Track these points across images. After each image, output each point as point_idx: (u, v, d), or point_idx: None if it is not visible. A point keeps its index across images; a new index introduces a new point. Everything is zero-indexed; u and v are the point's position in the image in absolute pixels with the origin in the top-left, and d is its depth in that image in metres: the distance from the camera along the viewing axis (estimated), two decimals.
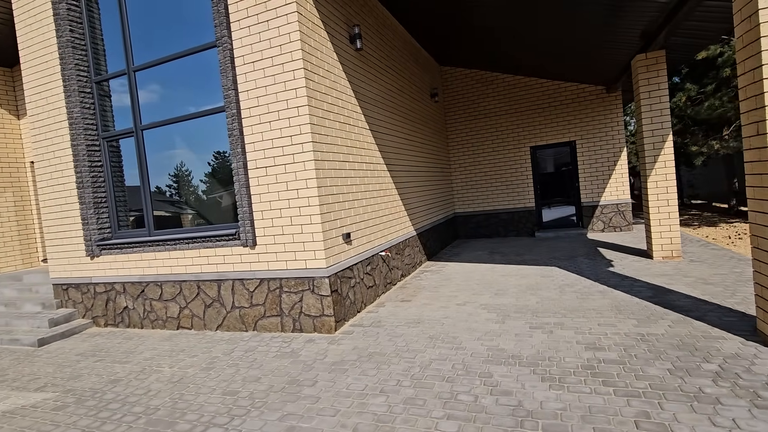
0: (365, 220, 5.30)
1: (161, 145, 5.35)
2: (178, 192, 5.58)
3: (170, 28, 5.20)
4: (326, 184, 4.43)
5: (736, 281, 4.78)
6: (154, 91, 5.37)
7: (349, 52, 5.27)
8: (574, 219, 9.57)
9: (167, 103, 5.33)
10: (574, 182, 9.43)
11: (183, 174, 5.46)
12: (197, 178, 5.44)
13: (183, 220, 5.62)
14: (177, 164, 5.42)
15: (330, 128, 4.63)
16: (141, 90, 5.29)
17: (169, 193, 5.56)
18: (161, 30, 5.24)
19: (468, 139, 10.15)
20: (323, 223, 4.29)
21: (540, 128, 9.53)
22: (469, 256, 8.03)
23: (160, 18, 5.24)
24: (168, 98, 5.37)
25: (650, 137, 6.01)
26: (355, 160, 5.18)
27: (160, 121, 5.19)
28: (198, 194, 5.52)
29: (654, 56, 5.92)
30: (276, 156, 4.39)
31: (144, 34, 5.24)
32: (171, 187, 5.54)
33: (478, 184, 10.16)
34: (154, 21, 5.26)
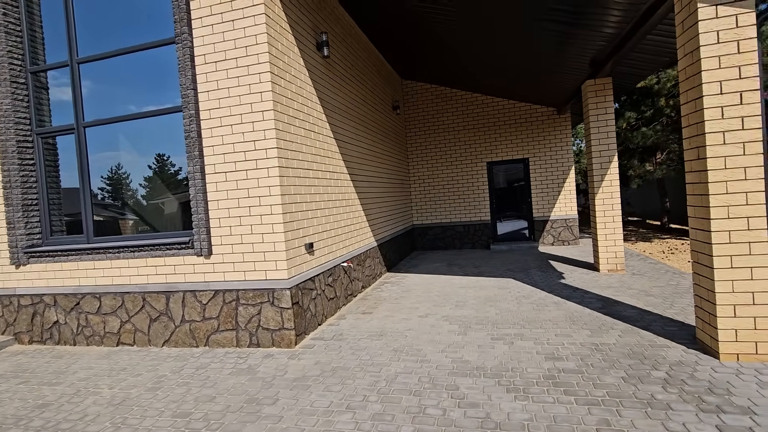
0: (328, 230, 5.18)
1: (103, 144, 4.94)
2: (119, 195, 5.16)
3: (124, 20, 4.86)
4: (290, 192, 4.29)
5: (673, 293, 5.17)
6: (100, 87, 4.97)
7: (315, 59, 5.19)
8: (527, 233, 10.00)
9: (113, 99, 4.95)
10: (527, 197, 9.88)
11: (122, 177, 5.07)
12: (142, 181, 5.07)
13: (123, 226, 5.19)
14: (116, 165, 5.03)
15: (295, 135, 4.51)
16: (85, 84, 4.88)
17: (108, 197, 5.14)
18: (113, 21, 4.88)
19: (427, 152, 10.34)
20: (286, 232, 4.13)
21: (496, 144, 9.92)
22: (428, 267, 8.11)
23: (113, 8, 4.88)
24: (114, 95, 5.00)
25: (598, 158, 6.43)
26: (319, 169, 5.07)
27: (108, 118, 4.80)
28: (143, 199, 5.14)
29: (602, 83, 6.37)
30: (237, 161, 4.18)
31: (92, 25, 4.86)
32: (108, 190, 5.11)
33: (436, 197, 10.34)
34: (105, 11, 4.89)
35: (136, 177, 5.06)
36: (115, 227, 5.21)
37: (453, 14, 5.77)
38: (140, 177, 5.05)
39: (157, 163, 4.95)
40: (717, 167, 3.15)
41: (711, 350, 3.34)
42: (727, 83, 3.08)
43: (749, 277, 3.16)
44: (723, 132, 3.11)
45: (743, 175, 3.10)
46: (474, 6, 5.42)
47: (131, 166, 5.02)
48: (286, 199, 4.19)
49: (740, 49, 3.05)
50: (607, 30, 4.88)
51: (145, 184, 5.05)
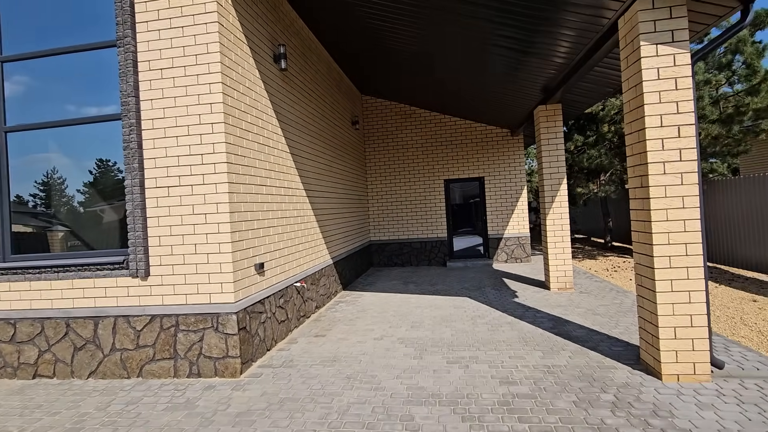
0: (281, 248, 4.95)
1: (39, 146, 4.45)
2: (52, 203, 4.65)
3: (59, 17, 4.45)
4: (240, 209, 4.05)
5: (617, 312, 5.39)
6: (27, 88, 4.50)
7: (272, 71, 5.02)
8: (482, 250, 10.20)
9: (42, 102, 4.49)
10: (482, 215, 10.10)
11: (56, 182, 4.56)
12: (81, 187, 4.60)
13: (52, 238, 4.66)
14: (52, 169, 4.53)
15: (248, 149, 4.29)
16: (22, 82, 4.40)
17: (41, 204, 4.61)
18: (46, 19, 4.45)
19: (386, 169, 10.35)
20: (234, 252, 3.87)
21: (453, 162, 10.11)
22: (384, 285, 8.00)
23: (46, 5, 4.46)
24: (43, 97, 4.53)
25: (549, 179, 6.68)
26: (273, 185, 4.85)
27: (33, 123, 4.34)
28: (80, 206, 4.66)
29: (552, 108, 6.67)
30: (182, 175, 3.90)
31: (22, 22, 4.41)
32: (41, 197, 4.59)
33: (393, 213, 10.33)
34: (36, 7, 4.45)
35: (74, 183, 4.56)
36: (43, 240, 4.67)
37: (410, 34, 5.84)
38: (79, 183, 4.56)
39: (99, 168, 4.50)
40: (658, 195, 3.31)
41: (654, 371, 3.46)
42: (666, 117, 3.26)
43: (688, 301, 3.32)
44: (663, 162, 3.29)
45: (681, 204, 3.28)
46: (430, 28, 5.51)
47: (69, 170, 4.51)
48: (235, 217, 3.94)
49: (678, 86, 3.25)
50: (557, 60, 5.11)
51: (84, 190, 4.56)
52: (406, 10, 5.09)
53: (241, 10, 4.32)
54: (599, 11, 3.74)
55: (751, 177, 7.61)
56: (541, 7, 3.96)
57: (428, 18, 5.16)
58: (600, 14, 3.79)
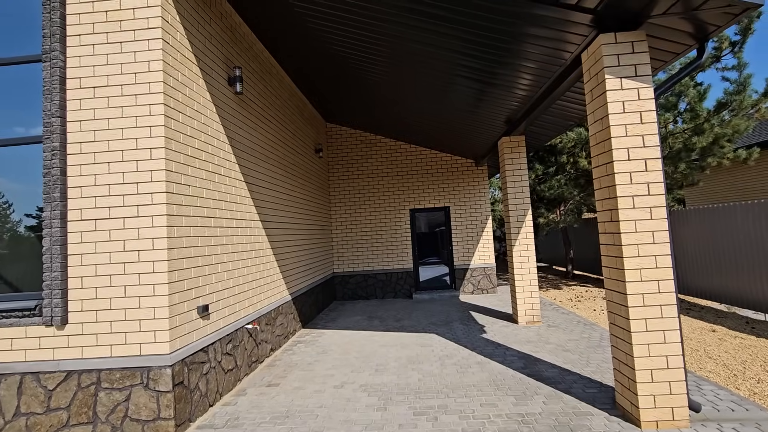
0: (231, 287, 4.47)
1: None
2: None
3: None
4: (182, 244, 3.59)
5: (587, 347, 5.24)
6: None
7: (226, 95, 4.68)
8: (448, 281, 9.98)
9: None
10: (449, 245, 9.96)
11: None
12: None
13: None
14: None
15: (193, 177, 3.87)
16: None
17: None
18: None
19: (350, 198, 10.07)
20: (172, 294, 3.38)
21: (419, 192, 9.99)
22: (347, 321, 7.55)
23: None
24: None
25: (514, 210, 6.62)
26: (223, 216, 4.42)
27: None
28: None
29: (516, 140, 6.69)
30: (113, 206, 3.42)
31: None
32: None
33: (358, 244, 9.99)
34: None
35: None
36: None
37: (372, 62, 5.72)
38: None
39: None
40: (629, 230, 3.19)
41: (632, 417, 3.24)
42: (633, 150, 3.19)
43: (663, 341, 3.17)
44: (632, 196, 3.19)
45: (652, 239, 3.17)
46: (393, 58, 5.41)
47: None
48: (174, 254, 3.47)
49: (642, 119, 3.21)
50: (520, 92, 5.11)
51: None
52: (368, 38, 4.96)
53: (191, 28, 4.00)
54: (562, 45, 3.72)
55: (701, 209, 7.93)
56: (505, 39, 3.92)
57: (391, 47, 5.06)
58: (563, 48, 3.78)
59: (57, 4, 3.53)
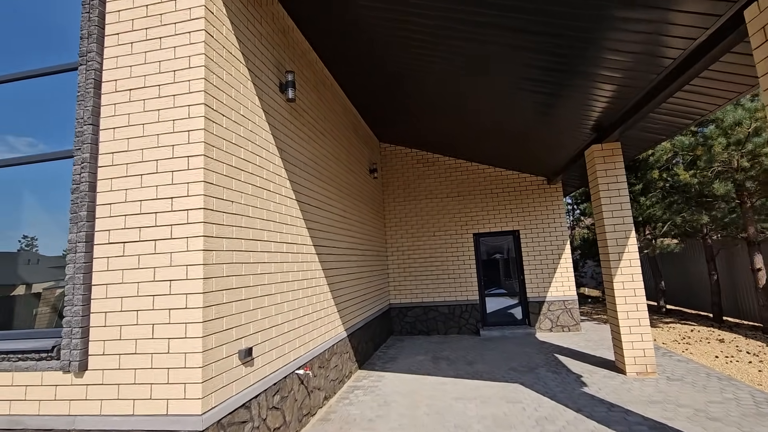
0: (279, 323, 3.74)
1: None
2: None
3: (36, 41, 3.70)
4: (221, 272, 2.92)
5: (741, 415, 3.89)
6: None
7: (277, 102, 4.13)
8: (520, 315, 8.72)
9: None
10: (520, 275, 8.76)
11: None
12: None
13: None
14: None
15: (238, 192, 3.25)
16: None
17: None
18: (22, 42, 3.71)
19: (407, 221, 9.26)
20: (207, 336, 2.69)
21: (483, 215, 8.98)
22: (409, 362, 6.57)
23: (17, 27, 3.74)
24: None
25: (612, 232, 5.45)
26: (271, 239, 3.76)
27: None
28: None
29: (610, 147, 5.61)
30: (144, 226, 2.84)
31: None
32: None
33: (416, 272, 9.07)
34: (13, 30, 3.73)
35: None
36: None
37: (439, 72, 4.99)
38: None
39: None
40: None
41: None
42: None
43: None
44: None
45: None
46: (458, 74, 4.67)
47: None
48: (212, 285, 2.80)
49: None
50: (615, 88, 4.11)
51: None
52: (439, 47, 4.26)
53: (238, 23, 3.50)
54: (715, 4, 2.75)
55: None
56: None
57: (460, 51, 4.31)
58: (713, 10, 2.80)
59: (96, 2, 3.15)
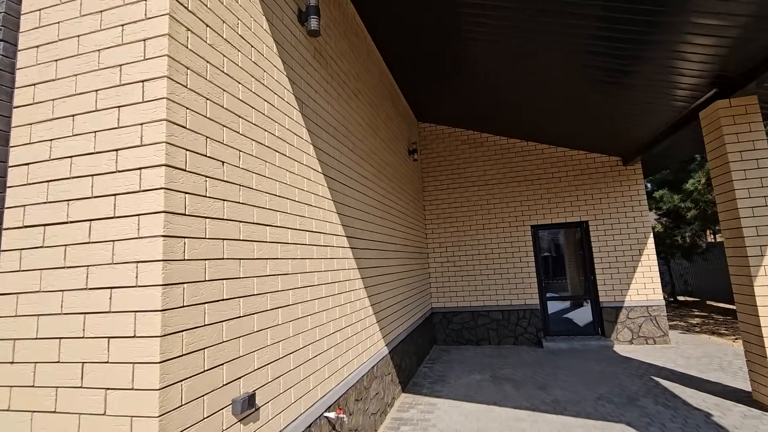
0: (299, 348, 2.57)
1: None
2: None
3: None
4: (199, 275, 1.77)
5: None
6: None
7: (294, 35, 2.96)
8: (591, 323, 7.26)
9: None
10: (590, 275, 7.30)
11: None
12: None
13: None
14: None
15: (232, 149, 2.09)
16: None
17: None
18: None
19: (451, 212, 7.97)
20: (167, 388, 1.53)
21: (543, 203, 7.57)
22: (464, 384, 5.29)
23: None
24: None
25: (750, 217, 3.99)
26: (287, 224, 2.59)
27: None
28: None
29: (742, 103, 4.14)
30: (75, 199, 1.73)
31: None
32: None
33: (463, 272, 7.77)
34: None
35: None
36: None
37: (493, 31, 3.70)
38: None
39: None
40: None
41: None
42: None
43: None
44: None
45: None
46: (526, 23, 3.36)
47: None
48: (180, 296, 1.65)
49: None
50: (750, 23, 2.70)
51: None
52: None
53: None
54: None
55: None
56: None
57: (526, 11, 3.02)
58: None
59: None
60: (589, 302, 7.31)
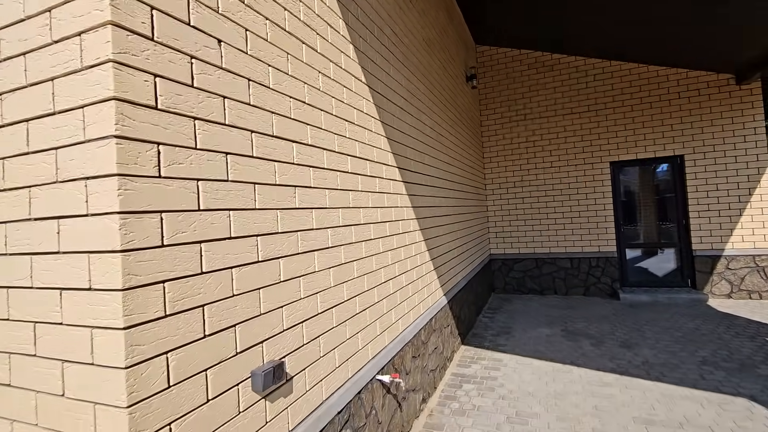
0: (343, 301, 2.05)
1: None
2: None
3: None
4: (178, 204, 1.21)
5: None
6: None
7: None
8: (680, 274, 6.27)
9: None
10: (683, 218, 6.19)
11: None
12: None
13: None
14: None
15: (228, 30, 1.45)
16: None
17: None
18: None
19: (513, 148, 7.00)
20: (136, 366, 1.03)
21: (627, 135, 6.37)
22: (531, 338, 4.70)
23: None
24: None
25: None
26: (319, 143, 1.97)
27: None
28: None
29: None
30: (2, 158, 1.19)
31: None
32: None
33: (526, 215, 6.93)
34: None
35: None
36: None
37: None
38: None
39: None
40: None
41: None
42: None
43: None
44: None
45: None
46: None
47: None
48: (147, 231, 1.10)
49: None
50: None
51: None
52: None
53: None
54: None
55: None
56: None
57: None
58: None
59: None
60: (678, 250, 6.27)
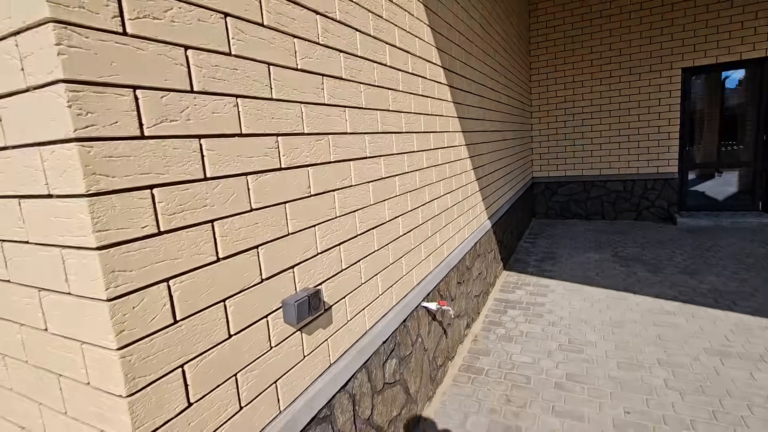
0: (384, 221, 1.75)
1: None
2: None
3: None
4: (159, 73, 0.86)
5: None
6: None
7: None
8: (749, 196, 5.62)
9: None
10: (761, 132, 5.38)
11: None
12: None
13: None
14: None
15: None
16: None
17: None
18: None
19: (565, 57, 6.12)
20: (123, 298, 0.77)
21: (707, 34, 5.36)
22: (579, 263, 4.38)
23: None
24: None
25: None
26: (352, 49, 1.53)
27: None
28: None
29: None
30: None
31: None
32: None
33: (575, 134, 6.25)
34: None
35: None
36: None
37: None
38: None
39: None
40: None
41: None
42: None
43: None
44: None
45: None
46: None
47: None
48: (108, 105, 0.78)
49: None
50: None
51: None
52: None
53: None
54: None
55: None
56: None
57: None
58: None
59: None
60: (750, 170, 5.55)
